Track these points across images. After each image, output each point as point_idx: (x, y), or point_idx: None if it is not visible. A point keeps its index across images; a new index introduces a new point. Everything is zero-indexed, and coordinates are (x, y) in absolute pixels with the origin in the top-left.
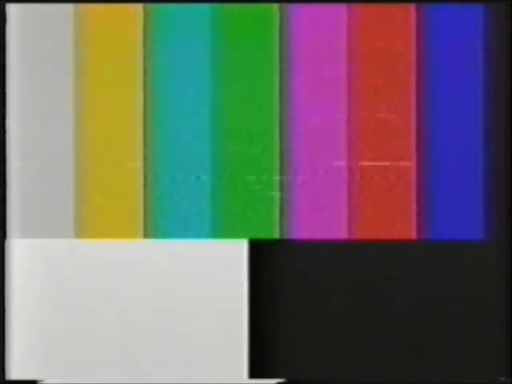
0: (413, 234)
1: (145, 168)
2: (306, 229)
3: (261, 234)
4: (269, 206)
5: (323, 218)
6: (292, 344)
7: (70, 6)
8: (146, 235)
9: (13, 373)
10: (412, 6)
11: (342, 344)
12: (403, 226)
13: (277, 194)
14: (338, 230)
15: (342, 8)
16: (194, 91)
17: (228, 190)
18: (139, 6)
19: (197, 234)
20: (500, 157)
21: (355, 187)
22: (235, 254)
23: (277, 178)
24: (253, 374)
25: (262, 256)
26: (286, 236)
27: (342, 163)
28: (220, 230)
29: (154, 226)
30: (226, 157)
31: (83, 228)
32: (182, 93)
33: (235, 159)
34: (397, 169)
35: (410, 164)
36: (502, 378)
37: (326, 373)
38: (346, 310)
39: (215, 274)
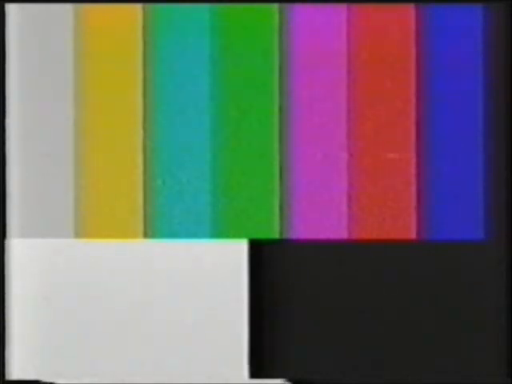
0: (413, 234)
1: (145, 168)
2: (306, 229)
3: (261, 234)
4: (269, 205)
5: (323, 218)
6: (292, 344)
7: (69, 6)
8: (146, 235)
9: (13, 373)
10: (412, 6)
11: (342, 344)
12: (403, 226)
13: (277, 194)
14: (338, 229)
15: (342, 8)
16: (194, 91)
17: (228, 189)
18: (139, 6)
19: (197, 234)
20: (500, 157)
21: (355, 187)
22: (235, 253)
23: (277, 177)
24: (253, 373)
25: (262, 256)
26: (286, 236)
27: (342, 163)
28: (220, 230)
29: (154, 226)
30: (226, 156)
31: (83, 228)
32: (182, 93)
33: (235, 159)
34: (397, 169)
35: (410, 164)
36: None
37: (327, 373)
38: (346, 310)
39: (215, 274)
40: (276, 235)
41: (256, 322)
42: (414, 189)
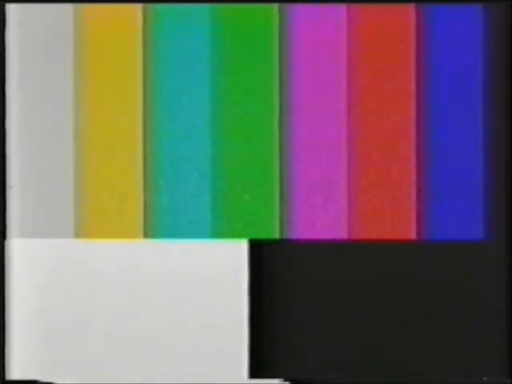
0: (413, 234)
1: (145, 168)
2: (306, 229)
3: (261, 234)
4: (269, 205)
5: (323, 218)
6: (292, 344)
7: (69, 6)
8: (145, 235)
9: (13, 373)
10: (412, 6)
11: (342, 344)
12: (403, 226)
13: (277, 194)
14: (338, 229)
15: (342, 8)
16: (194, 91)
17: (228, 189)
18: (139, 6)
19: (197, 234)
20: (500, 157)
21: (355, 187)
22: (235, 253)
23: (277, 177)
24: (253, 373)
25: (262, 256)
26: (286, 236)
27: (342, 163)
28: (220, 230)
29: (154, 226)
30: (226, 156)
31: (83, 228)
32: (182, 92)
33: (235, 159)
34: (397, 169)
35: (410, 164)
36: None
37: (326, 373)
38: (346, 310)
39: (215, 274)
40: (276, 235)
41: (256, 322)
42: (414, 189)
